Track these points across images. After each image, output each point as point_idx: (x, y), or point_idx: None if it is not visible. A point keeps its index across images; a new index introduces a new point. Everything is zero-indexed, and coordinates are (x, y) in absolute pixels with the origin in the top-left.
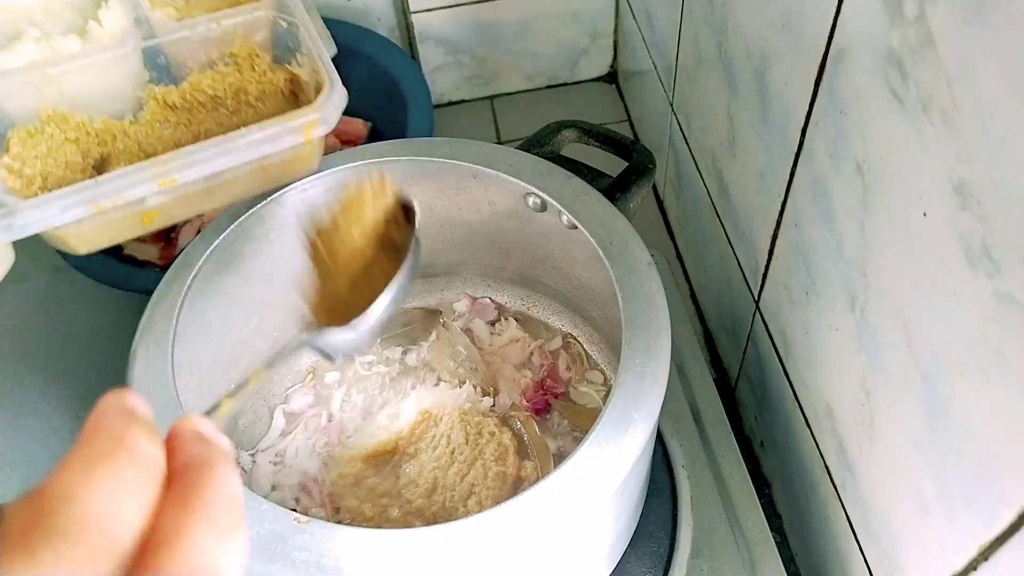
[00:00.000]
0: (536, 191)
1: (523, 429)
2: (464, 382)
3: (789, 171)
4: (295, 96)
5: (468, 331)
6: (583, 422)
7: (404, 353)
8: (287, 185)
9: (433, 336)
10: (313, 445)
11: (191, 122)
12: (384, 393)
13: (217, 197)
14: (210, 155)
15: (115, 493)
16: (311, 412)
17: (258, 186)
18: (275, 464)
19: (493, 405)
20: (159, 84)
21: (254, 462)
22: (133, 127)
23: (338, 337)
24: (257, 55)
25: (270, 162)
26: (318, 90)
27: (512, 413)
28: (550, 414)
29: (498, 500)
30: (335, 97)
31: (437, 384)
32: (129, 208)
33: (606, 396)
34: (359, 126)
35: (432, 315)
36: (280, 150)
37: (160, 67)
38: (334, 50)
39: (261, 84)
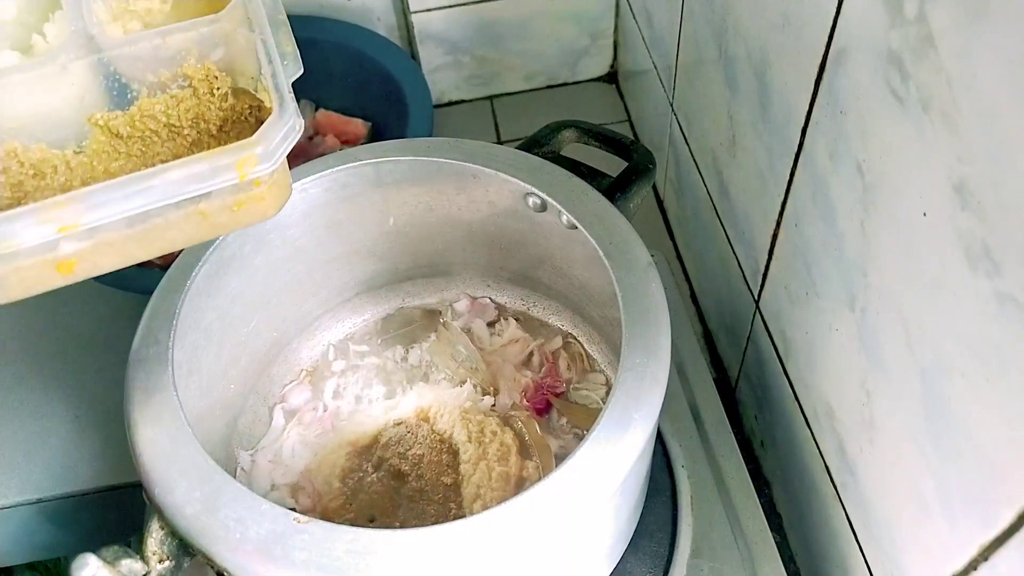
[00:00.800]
0: (536, 191)
1: (524, 429)
2: (464, 381)
3: (789, 171)
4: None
5: (468, 331)
6: (583, 422)
7: (404, 353)
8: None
9: (433, 336)
10: (306, 438)
11: (145, 154)
12: (382, 385)
13: (149, 245)
14: (119, 196)
15: None
16: (308, 407)
17: (201, 233)
18: (273, 463)
19: (494, 405)
20: (105, 109)
21: (254, 462)
22: (77, 158)
23: None
24: (216, 77)
25: (211, 206)
26: None
27: (513, 413)
28: (550, 414)
29: (502, 501)
30: (282, 128)
31: (438, 382)
32: (35, 255)
33: (606, 396)
34: (359, 126)
35: (432, 315)
36: (217, 191)
37: (105, 90)
38: (299, 71)
39: (223, 111)
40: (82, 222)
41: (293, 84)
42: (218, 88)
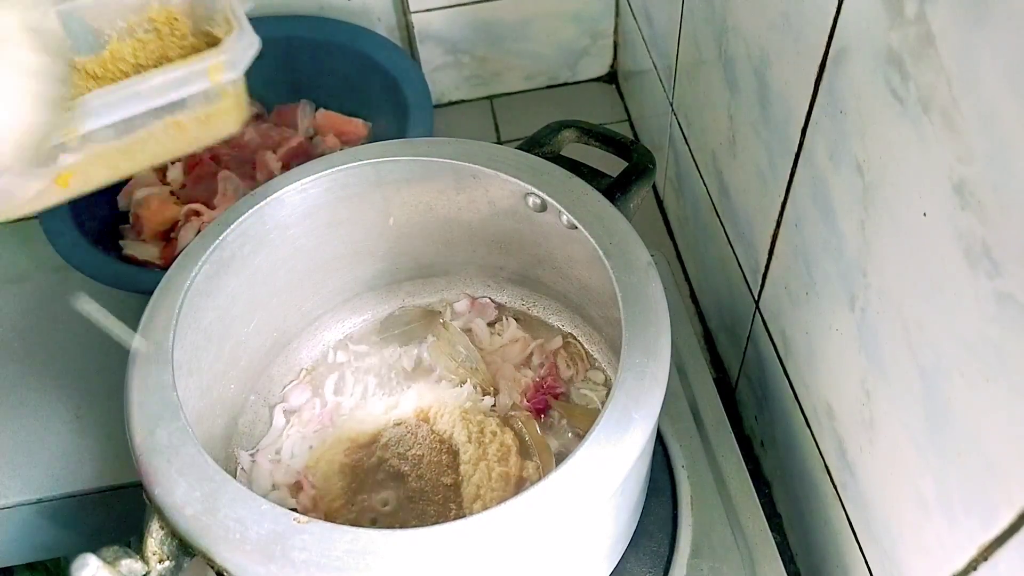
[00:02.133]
0: (536, 191)
1: (524, 429)
2: (464, 381)
3: (789, 171)
4: None
5: (468, 331)
6: (583, 422)
7: (404, 353)
8: (212, 143)
9: (433, 336)
10: (305, 435)
11: None
12: (382, 385)
13: (135, 157)
14: (111, 102)
15: None
16: (307, 405)
17: (178, 146)
18: (274, 463)
19: (494, 405)
20: (79, 54)
21: (254, 462)
22: None
23: None
24: (176, 19)
25: (186, 117)
26: None
27: (512, 413)
28: (550, 414)
29: (502, 501)
30: (243, 41)
31: (438, 382)
32: None
33: (606, 396)
34: (359, 126)
35: (432, 315)
36: (191, 101)
37: (78, 36)
38: (250, 4)
39: (183, 50)
40: (81, 128)
41: (290, 82)
42: (178, 30)
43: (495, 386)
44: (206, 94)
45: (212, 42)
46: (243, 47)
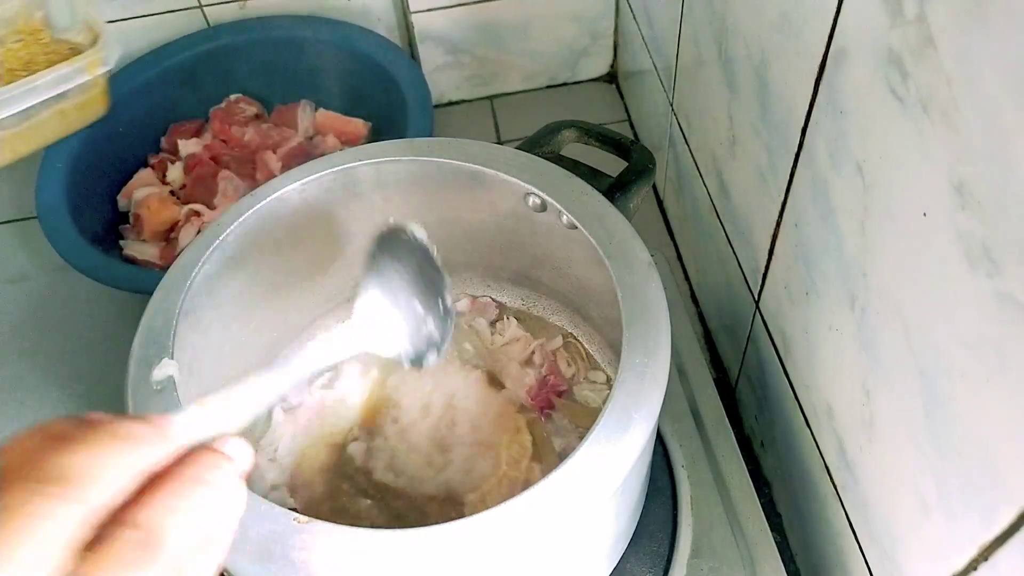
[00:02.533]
0: (536, 191)
1: (531, 429)
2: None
3: (789, 171)
4: None
5: (469, 329)
6: (585, 421)
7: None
8: (83, 128)
9: None
10: (309, 430)
11: None
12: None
13: (30, 140)
14: (17, 95)
15: (93, 459)
16: (306, 405)
17: (62, 129)
18: (272, 462)
19: (503, 403)
20: None
21: (254, 462)
22: None
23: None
24: (40, 30)
25: (67, 106)
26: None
27: (518, 413)
28: (553, 413)
29: (502, 501)
30: (111, 42)
31: (445, 377)
32: None
33: (607, 396)
34: (359, 126)
35: None
36: (72, 93)
37: None
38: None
39: (48, 55)
40: None
41: (290, 82)
42: (41, 39)
43: (501, 383)
44: (82, 86)
45: (72, 47)
46: (111, 47)
